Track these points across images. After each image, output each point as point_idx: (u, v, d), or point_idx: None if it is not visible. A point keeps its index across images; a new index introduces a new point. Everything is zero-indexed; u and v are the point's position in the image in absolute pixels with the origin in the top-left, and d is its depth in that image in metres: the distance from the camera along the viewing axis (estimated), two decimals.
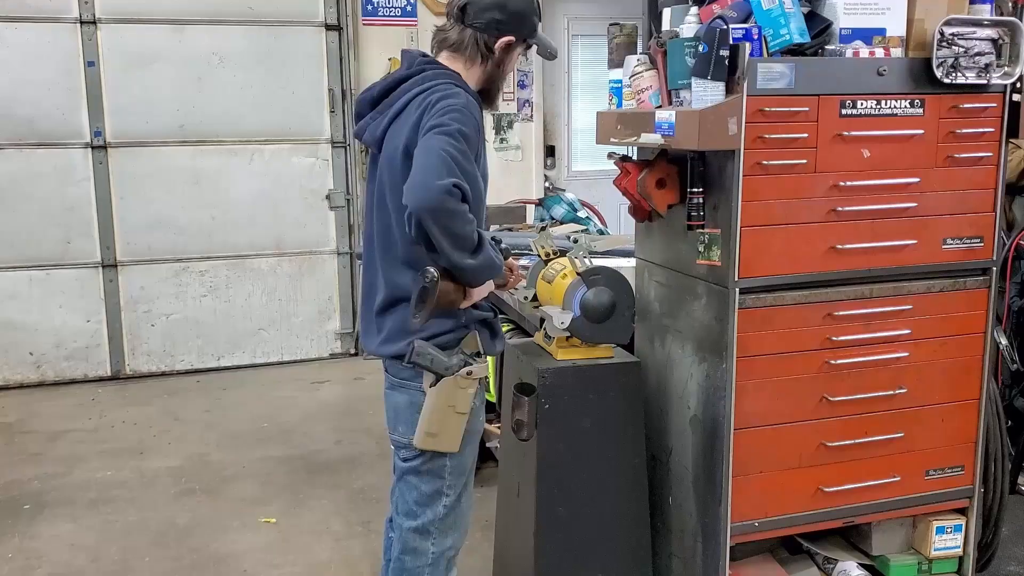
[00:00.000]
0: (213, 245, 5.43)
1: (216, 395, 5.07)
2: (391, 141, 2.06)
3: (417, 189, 1.86)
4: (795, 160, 2.28)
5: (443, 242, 1.90)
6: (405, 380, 2.11)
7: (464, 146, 1.92)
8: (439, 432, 2.06)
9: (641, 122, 2.42)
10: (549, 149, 6.40)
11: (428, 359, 2.02)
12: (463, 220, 1.90)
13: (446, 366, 2.03)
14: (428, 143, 1.90)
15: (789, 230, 2.31)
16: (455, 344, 2.08)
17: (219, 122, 5.33)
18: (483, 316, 2.14)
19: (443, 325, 2.07)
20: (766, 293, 2.34)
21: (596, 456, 2.50)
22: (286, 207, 5.54)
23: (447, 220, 1.87)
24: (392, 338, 2.09)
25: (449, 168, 1.87)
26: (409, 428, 2.10)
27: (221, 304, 5.50)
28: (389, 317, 2.10)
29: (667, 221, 2.55)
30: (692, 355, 2.49)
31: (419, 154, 1.91)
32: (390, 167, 2.05)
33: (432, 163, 1.87)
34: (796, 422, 2.42)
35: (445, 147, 1.89)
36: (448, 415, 2.05)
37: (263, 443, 4.32)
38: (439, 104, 1.97)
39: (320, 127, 5.54)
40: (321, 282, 5.70)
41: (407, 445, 2.12)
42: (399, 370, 2.11)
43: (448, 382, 2.04)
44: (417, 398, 2.09)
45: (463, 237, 1.92)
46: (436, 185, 1.84)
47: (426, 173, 1.86)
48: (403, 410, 2.12)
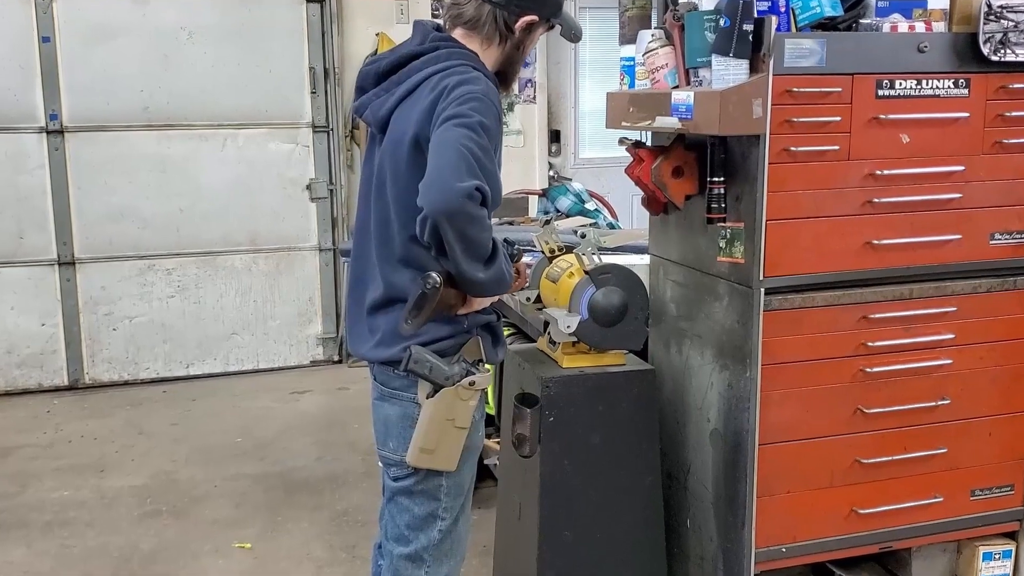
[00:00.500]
0: (181, 240, 5.43)
1: (185, 406, 5.06)
2: (398, 125, 2.04)
3: (435, 191, 1.84)
4: (826, 146, 2.28)
5: (456, 248, 1.89)
6: (397, 390, 2.10)
7: (485, 141, 1.90)
8: (435, 448, 2.05)
9: (656, 104, 2.42)
10: (554, 134, 6.40)
11: (426, 367, 2.01)
12: (481, 226, 1.89)
13: (446, 375, 2.02)
14: (446, 136, 1.88)
15: (820, 224, 2.31)
16: (455, 351, 2.07)
17: (188, 104, 5.33)
18: (486, 320, 2.14)
19: (442, 329, 2.06)
20: (794, 293, 2.34)
21: (606, 474, 2.50)
22: (262, 198, 5.54)
23: (465, 226, 1.86)
24: (386, 341, 2.08)
25: (470, 167, 1.85)
26: (401, 444, 2.10)
27: (190, 306, 5.50)
28: (383, 318, 2.09)
29: (684, 214, 2.55)
30: (712, 362, 2.49)
31: (436, 149, 1.89)
32: (394, 155, 2.03)
33: (452, 161, 1.85)
34: (827, 436, 2.43)
35: (465, 142, 1.86)
36: (446, 430, 2.05)
37: (237, 459, 4.31)
38: (457, 90, 1.94)
39: (300, 109, 5.54)
40: (301, 281, 5.70)
41: (399, 463, 2.12)
42: (391, 378, 2.10)
43: (447, 393, 2.03)
44: (411, 410, 2.08)
45: (478, 244, 1.91)
46: (457, 188, 1.82)
47: (445, 173, 1.84)
48: (395, 423, 2.11)
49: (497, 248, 1.99)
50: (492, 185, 1.90)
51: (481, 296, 2.04)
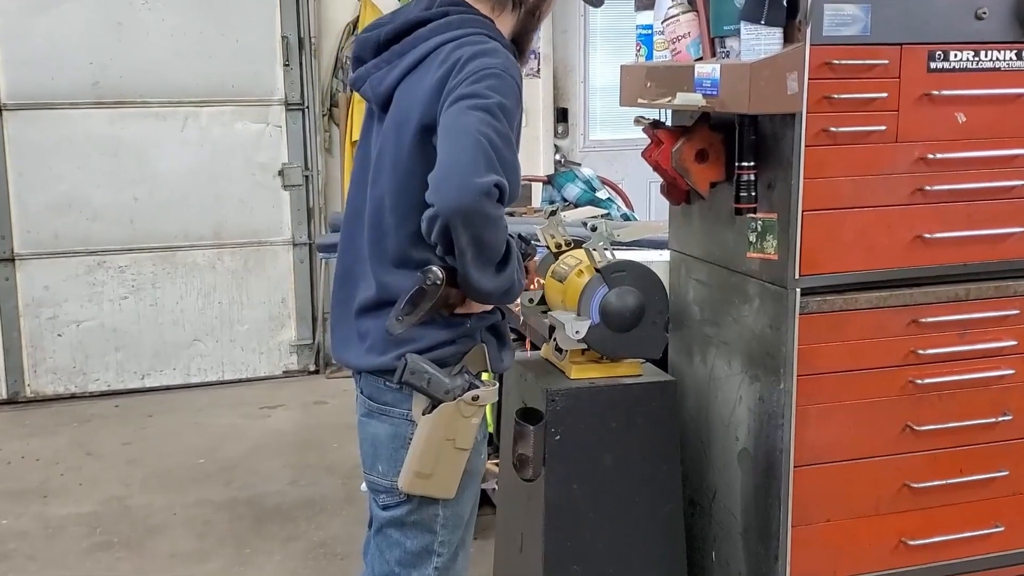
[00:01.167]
0: (136, 234, 5.44)
1: (140, 423, 5.06)
2: (402, 103, 2.02)
3: (449, 187, 1.82)
4: (871, 127, 2.28)
5: (467, 253, 1.88)
6: (388, 404, 2.09)
7: (505, 126, 1.88)
8: (433, 472, 2.04)
9: (677, 78, 2.42)
10: (560, 113, 6.40)
11: (424, 379, 1.99)
12: (496, 228, 1.88)
13: (446, 388, 2.00)
14: (461, 122, 1.85)
15: (864, 215, 2.32)
16: (457, 360, 2.06)
17: (144, 79, 5.34)
18: (491, 321, 2.13)
19: (442, 333, 2.04)
20: (834, 294, 2.34)
21: (619, 500, 2.50)
22: (228, 185, 5.55)
23: (481, 228, 1.85)
24: (377, 348, 2.06)
25: (488, 160, 1.83)
26: (392, 467, 2.09)
27: (146, 308, 5.51)
28: (374, 321, 2.07)
29: (709, 204, 2.56)
30: (741, 372, 2.50)
31: (449, 136, 1.86)
32: (396, 139, 2.02)
33: (468, 152, 1.82)
34: (873, 457, 2.43)
35: (483, 129, 1.84)
36: (445, 451, 2.03)
37: (199, 484, 4.32)
38: (472, 64, 1.92)
39: (271, 85, 5.54)
40: (273, 280, 5.70)
41: (389, 489, 2.11)
42: (381, 391, 2.09)
43: (447, 409, 2.01)
44: (403, 428, 2.07)
45: (492, 248, 1.91)
46: (474, 185, 1.80)
47: (461, 166, 1.82)
48: (385, 443, 2.10)
49: (511, 251, 1.98)
50: (511, 178, 1.88)
51: (484, 303, 2.04)
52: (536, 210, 4.49)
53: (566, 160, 6.29)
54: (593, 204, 4.59)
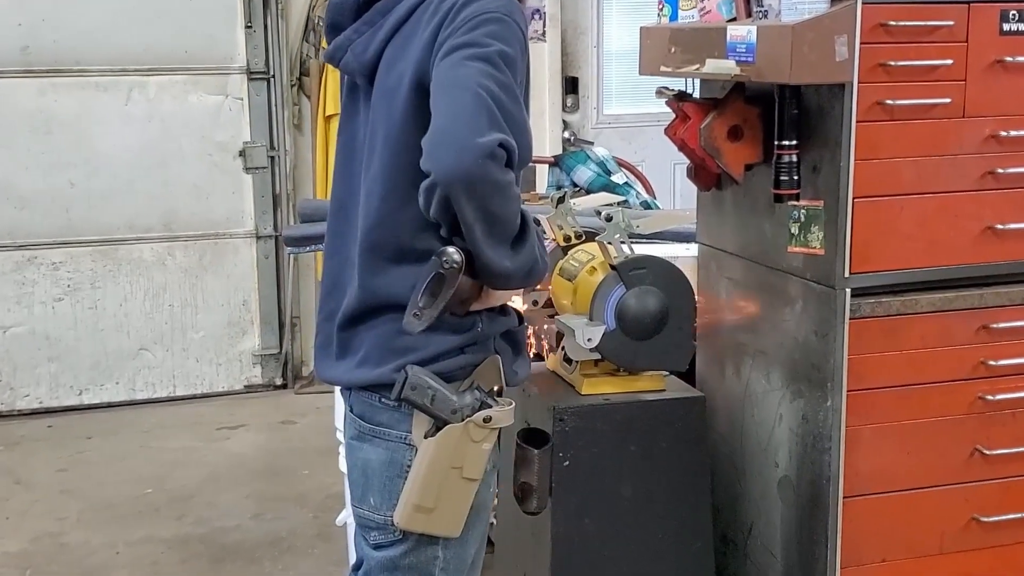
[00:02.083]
0: (73, 225, 5.44)
1: (77, 446, 5.06)
2: (391, 67, 2.03)
3: (447, 150, 1.83)
4: (934, 99, 2.28)
5: (476, 228, 1.88)
6: (383, 426, 2.08)
7: (509, 77, 1.89)
8: (435, 506, 2.03)
9: (706, 43, 2.42)
10: (570, 83, 6.41)
11: (427, 395, 1.98)
12: (507, 197, 1.88)
13: (453, 407, 2.00)
14: (457, 74, 1.87)
15: (925, 202, 2.32)
16: (467, 372, 2.07)
17: (81, 43, 5.33)
18: (505, 326, 2.12)
19: (448, 340, 2.04)
20: (891, 296, 2.35)
21: (640, 537, 2.50)
22: (181, 169, 5.55)
23: (488, 197, 1.85)
24: (371, 360, 2.06)
25: (491, 116, 1.84)
26: (386, 499, 2.08)
27: (84, 312, 5.51)
28: (368, 331, 2.08)
29: (744, 189, 2.56)
30: (782, 387, 2.50)
31: (445, 92, 1.88)
32: (388, 109, 2.02)
33: (467, 109, 1.83)
34: (935, 486, 2.43)
35: (483, 82, 1.85)
36: (450, 481, 2.03)
37: (146, 518, 4.32)
38: (467, 9, 1.93)
39: (230, 50, 5.54)
40: (233, 279, 5.70)
41: (382, 525, 2.10)
42: (375, 410, 2.09)
43: (454, 432, 2.01)
44: (401, 454, 2.07)
45: (505, 221, 1.91)
46: (475, 146, 1.81)
47: (460, 125, 1.83)
48: (378, 471, 2.10)
49: (528, 224, 1.98)
50: (520, 139, 1.89)
51: (504, 288, 2.04)
52: (541, 197, 4.49)
53: (576, 138, 6.29)
54: (608, 190, 4.59)
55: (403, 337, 2.02)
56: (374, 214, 2.05)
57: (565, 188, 4.64)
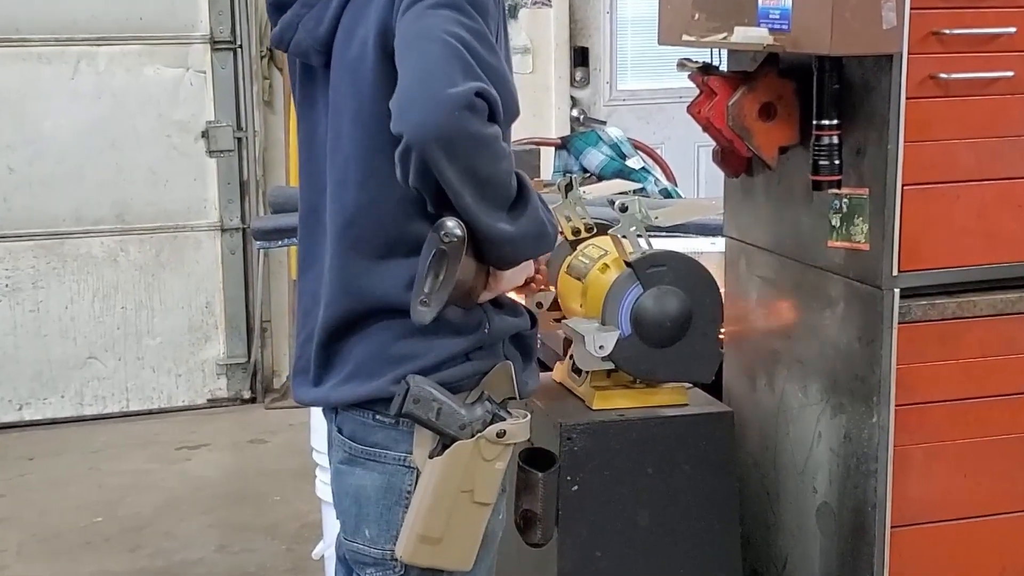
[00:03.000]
0: (11, 216, 5.46)
1: (17, 468, 5.07)
2: (350, 36, 2.03)
3: (415, 103, 1.84)
4: (995, 72, 2.30)
5: (464, 193, 1.89)
6: (379, 447, 2.08)
7: (480, 24, 1.92)
8: (443, 536, 2.04)
9: (735, 8, 2.44)
10: (579, 54, 6.41)
11: (432, 408, 1.98)
12: (493, 153, 1.90)
13: (462, 422, 2.00)
14: (420, 25, 1.89)
15: (984, 190, 2.34)
16: (474, 382, 2.08)
17: (20, 8, 5.35)
18: (515, 328, 2.14)
19: (451, 344, 2.04)
20: (945, 296, 2.36)
21: (658, 572, 2.52)
22: (134, 151, 5.56)
23: (470, 153, 1.86)
24: (362, 372, 2.06)
25: (465, 65, 1.86)
26: (384, 530, 2.09)
27: (24, 315, 5.52)
28: (357, 342, 2.08)
29: (778, 176, 2.58)
30: (821, 401, 2.52)
31: (409, 46, 1.90)
32: (354, 81, 2.03)
33: (434, 57, 1.85)
34: (997, 515, 2.45)
35: (451, 29, 1.87)
36: (460, 506, 2.03)
37: (95, 549, 4.33)
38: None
39: (192, 17, 5.56)
40: (194, 278, 5.72)
41: (380, 560, 2.11)
42: (368, 429, 2.09)
43: (463, 450, 2.02)
44: (400, 479, 2.07)
45: (495, 181, 1.92)
46: (447, 96, 1.82)
47: (426, 77, 1.85)
48: (374, 499, 2.10)
49: (526, 186, 1.98)
50: (501, 89, 1.91)
51: (513, 261, 2.04)
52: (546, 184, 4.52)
53: (586, 117, 6.30)
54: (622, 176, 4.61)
55: (399, 344, 2.03)
56: (351, 205, 2.05)
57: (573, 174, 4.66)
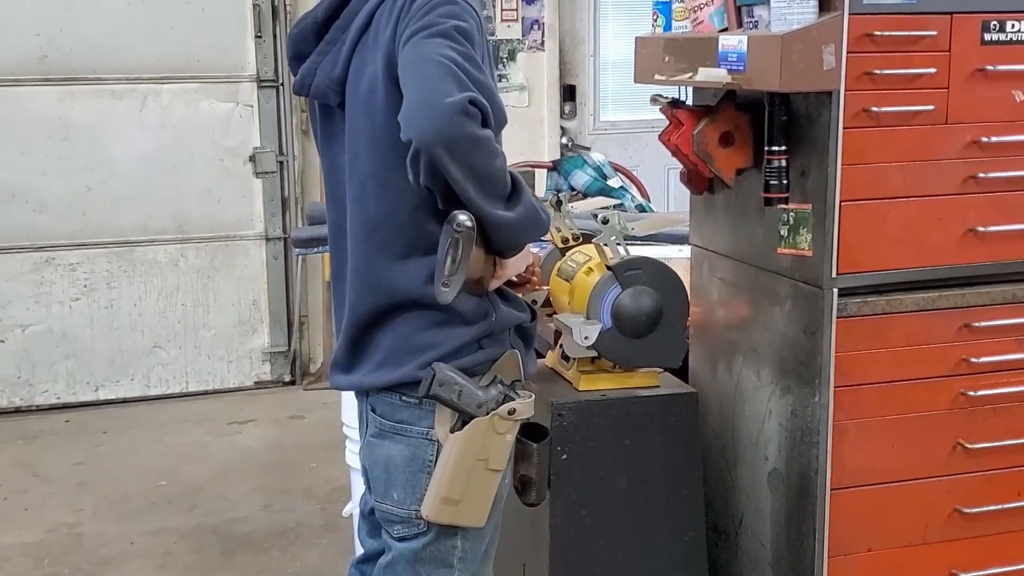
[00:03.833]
0: (88, 227, 5.44)
1: (93, 441, 5.06)
2: (361, 73, 2.04)
3: (419, 113, 1.86)
4: (918, 106, 2.28)
5: (467, 188, 1.90)
6: (404, 423, 2.09)
7: (468, 48, 1.93)
8: (462, 498, 2.05)
9: (699, 52, 2.42)
10: (567, 91, 6.41)
11: (454, 391, 1.99)
12: (489, 152, 1.90)
13: (479, 402, 2.01)
14: (418, 51, 1.90)
15: (909, 206, 2.32)
16: (486, 367, 2.08)
17: (97, 52, 5.34)
18: (518, 320, 2.14)
19: (464, 332, 2.05)
20: (876, 295, 2.34)
21: (634, 528, 2.50)
22: (193, 173, 5.55)
23: (470, 153, 1.87)
24: (391, 361, 2.07)
25: (457, 79, 1.87)
26: (409, 494, 2.10)
27: (100, 311, 5.51)
28: (384, 333, 2.09)
29: (735, 193, 2.56)
30: (771, 383, 2.50)
31: (409, 69, 1.91)
32: (368, 109, 2.03)
33: (432, 75, 1.87)
34: (919, 479, 2.43)
35: (443, 52, 1.88)
36: (476, 473, 2.05)
37: (159, 509, 4.32)
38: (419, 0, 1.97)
39: (241, 59, 5.55)
40: (243, 280, 5.71)
41: (406, 519, 2.11)
42: (395, 408, 2.10)
43: (480, 425, 2.03)
44: (423, 450, 2.08)
45: (493, 177, 1.92)
46: (445, 104, 1.83)
47: (427, 91, 1.86)
48: (400, 468, 2.10)
49: (519, 181, 2.00)
50: (489, 99, 1.92)
51: (515, 246, 2.04)
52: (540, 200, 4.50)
53: (574, 144, 6.30)
54: (604, 193, 4.60)
55: (421, 335, 2.05)
56: (374, 215, 2.06)
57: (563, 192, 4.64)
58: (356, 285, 2.12)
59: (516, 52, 6.05)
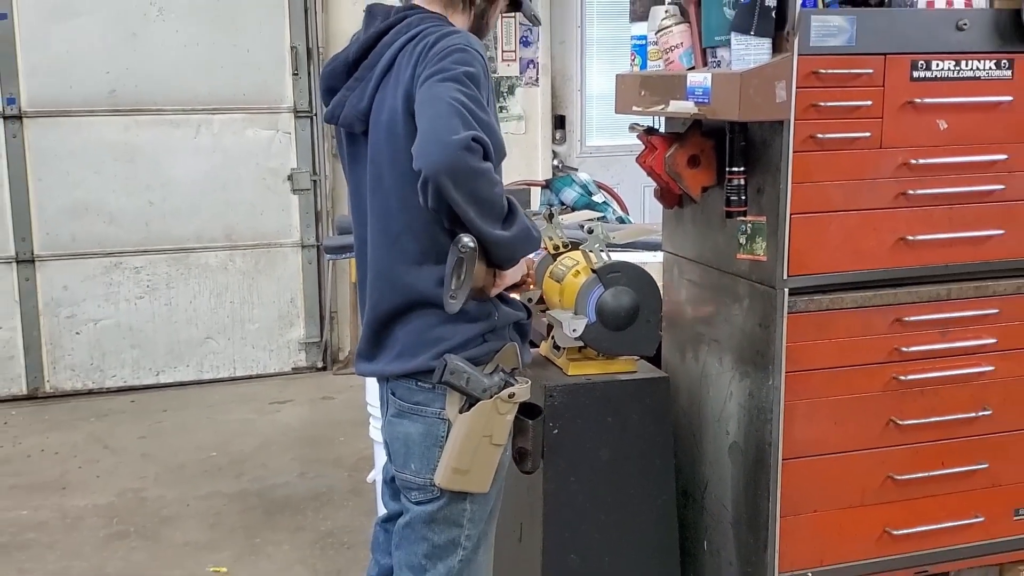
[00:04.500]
0: (151, 236, 5.44)
1: (154, 418, 5.06)
2: (383, 106, 2.04)
3: (429, 147, 1.86)
4: (857, 133, 2.28)
5: (469, 211, 1.90)
6: (420, 404, 2.09)
7: (475, 91, 1.93)
8: (469, 468, 2.06)
9: (670, 87, 2.42)
10: (558, 120, 6.40)
11: (464, 378, 2.00)
12: (488, 181, 1.90)
13: (484, 387, 2.02)
14: (431, 92, 1.91)
15: (849, 218, 2.31)
16: (489, 357, 2.08)
17: (158, 87, 5.34)
18: (516, 317, 2.14)
19: (471, 328, 2.06)
20: (821, 294, 2.34)
21: (615, 492, 2.50)
22: (239, 190, 5.55)
23: (471, 183, 1.87)
24: (408, 352, 2.08)
25: (463, 119, 1.87)
26: (425, 464, 2.10)
27: (161, 307, 5.50)
28: (402, 328, 2.09)
29: (701, 207, 2.55)
30: (732, 369, 2.49)
31: (423, 108, 1.91)
32: (389, 136, 2.03)
33: (442, 114, 1.87)
34: (858, 450, 2.42)
35: (453, 95, 1.89)
36: (482, 448, 2.05)
37: (211, 476, 4.31)
38: (436, 46, 1.97)
39: (281, 93, 5.54)
40: (282, 281, 5.70)
41: (423, 486, 2.12)
42: (412, 392, 2.10)
43: (485, 407, 2.03)
44: (436, 427, 2.08)
45: (491, 203, 1.92)
46: (452, 141, 1.84)
47: (437, 127, 1.86)
48: (417, 442, 2.11)
49: (514, 204, 1.99)
50: (491, 137, 1.91)
51: (511, 259, 2.04)
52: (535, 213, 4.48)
53: (564, 165, 6.29)
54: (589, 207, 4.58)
55: (434, 330, 2.05)
56: (395, 226, 2.06)
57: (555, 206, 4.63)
58: (378, 286, 2.12)
59: (515, 87, 6.05)
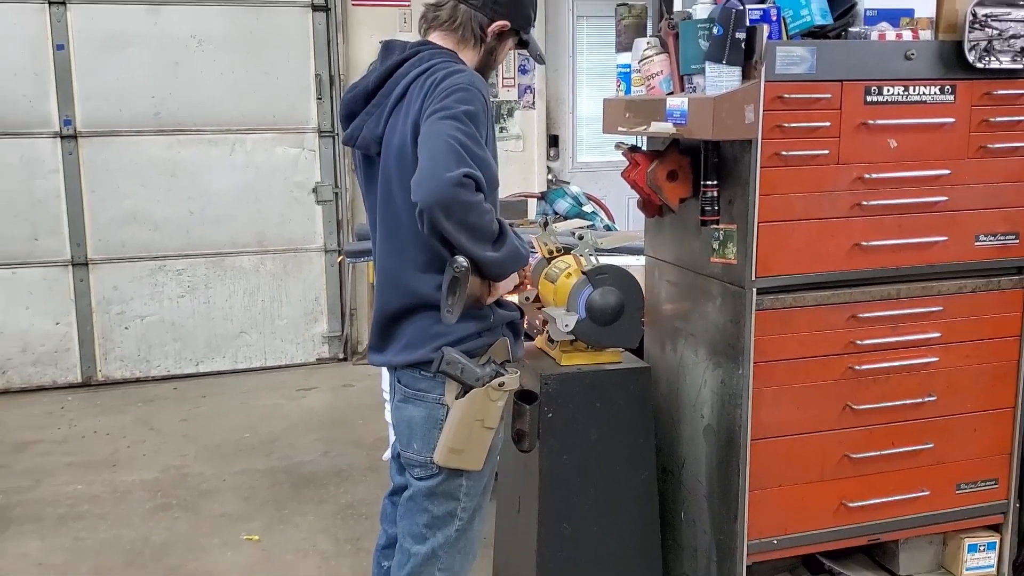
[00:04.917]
0: (191, 242, 5.44)
1: (194, 403, 5.07)
2: (394, 132, 2.04)
3: (425, 183, 1.85)
4: (817, 151, 2.28)
5: (460, 238, 1.90)
6: (422, 391, 2.10)
7: (472, 129, 1.92)
8: (464, 448, 2.06)
9: (651, 110, 2.42)
10: (552, 139, 6.40)
11: (458, 368, 2.01)
12: (479, 211, 1.89)
13: (476, 376, 2.02)
14: (432, 129, 1.90)
15: (810, 226, 2.32)
16: (483, 350, 2.08)
17: (197, 110, 5.34)
18: (510, 317, 2.14)
19: (470, 326, 2.06)
20: (785, 294, 2.34)
21: (603, 469, 2.50)
22: (269, 201, 5.55)
23: (462, 214, 1.87)
24: (413, 345, 2.08)
25: (458, 156, 1.86)
26: (426, 445, 2.10)
27: (200, 305, 5.51)
28: (408, 325, 2.10)
29: (679, 216, 2.56)
30: (706, 360, 2.50)
31: (423, 144, 1.91)
32: (399, 159, 2.03)
33: (439, 152, 1.86)
34: (818, 432, 2.43)
35: (451, 132, 1.88)
36: (475, 430, 2.05)
37: (244, 455, 4.32)
38: (443, 84, 1.96)
39: (306, 115, 5.55)
40: (307, 282, 5.70)
41: (423, 463, 2.12)
42: (416, 380, 2.10)
43: (478, 394, 2.03)
44: (436, 412, 2.09)
45: (481, 229, 1.92)
46: (446, 177, 1.83)
47: (434, 164, 1.85)
48: (419, 425, 2.11)
49: (504, 227, 1.98)
50: (484, 171, 1.91)
51: (502, 275, 2.03)
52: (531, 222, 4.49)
53: (557, 179, 6.29)
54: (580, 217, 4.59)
55: (435, 326, 2.05)
56: (403, 237, 2.06)
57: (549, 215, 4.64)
58: (387, 289, 2.12)
59: (513, 110, 6.05)
